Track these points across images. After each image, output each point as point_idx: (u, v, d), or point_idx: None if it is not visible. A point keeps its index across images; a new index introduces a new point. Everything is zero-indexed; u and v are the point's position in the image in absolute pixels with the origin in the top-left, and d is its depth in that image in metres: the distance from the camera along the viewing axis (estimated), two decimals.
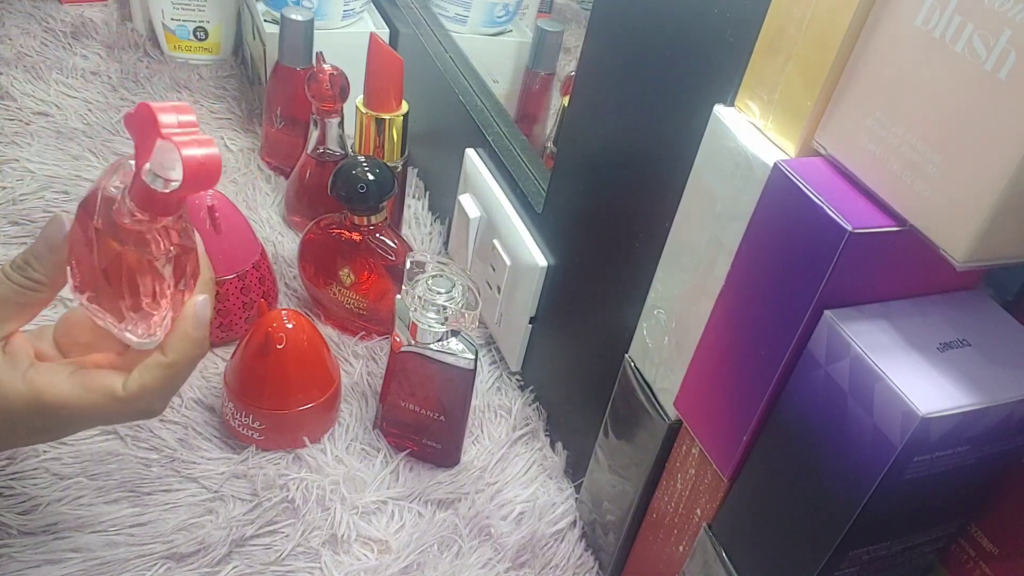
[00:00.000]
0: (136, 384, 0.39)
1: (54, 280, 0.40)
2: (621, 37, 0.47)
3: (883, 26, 0.30)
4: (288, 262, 0.72)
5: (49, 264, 0.39)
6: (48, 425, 0.40)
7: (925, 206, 0.29)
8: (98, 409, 0.39)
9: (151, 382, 0.39)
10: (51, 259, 0.39)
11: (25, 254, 0.39)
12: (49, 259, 0.39)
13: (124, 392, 0.39)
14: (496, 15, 0.83)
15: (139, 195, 0.37)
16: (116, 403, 0.39)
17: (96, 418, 0.40)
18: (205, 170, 0.35)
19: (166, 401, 0.41)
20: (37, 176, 0.74)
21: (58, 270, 0.40)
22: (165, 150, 0.35)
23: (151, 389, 0.39)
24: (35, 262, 0.39)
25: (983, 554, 0.36)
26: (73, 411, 0.39)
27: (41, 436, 0.43)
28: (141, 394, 0.39)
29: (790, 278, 0.33)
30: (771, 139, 0.35)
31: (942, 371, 0.30)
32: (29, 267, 0.39)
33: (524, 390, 0.64)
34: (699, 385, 0.40)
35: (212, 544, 0.50)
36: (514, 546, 0.54)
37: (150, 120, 0.35)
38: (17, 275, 0.39)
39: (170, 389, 0.41)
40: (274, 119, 0.79)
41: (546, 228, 0.59)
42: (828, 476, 0.33)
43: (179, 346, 0.40)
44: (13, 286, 0.39)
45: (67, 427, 0.41)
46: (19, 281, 0.39)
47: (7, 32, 0.92)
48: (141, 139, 0.36)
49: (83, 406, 0.39)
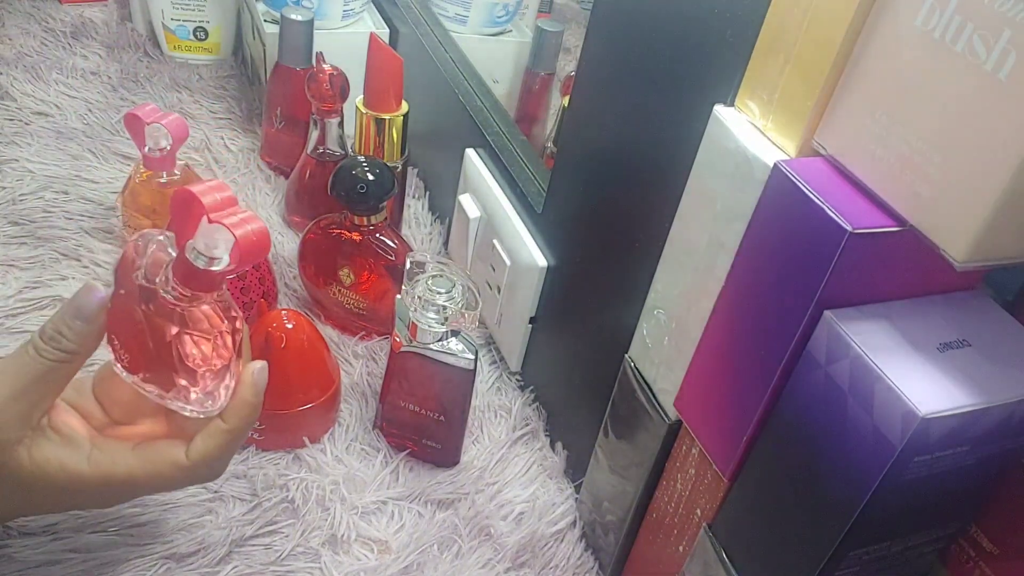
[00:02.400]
0: (199, 453, 0.40)
1: (87, 349, 0.39)
2: (621, 37, 0.47)
3: (883, 26, 0.30)
4: (288, 262, 0.72)
5: (84, 334, 0.39)
6: (112, 498, 0.42)
7: (925, 206, 0.29)
8: (164, 479, 0.40)
9: (214, 449, 0.41)
10: (86, 329, 0.39)
11: (55, 323, 0.39)
12: (84, 329, 0.39)
13: (188, 461, 0.40)
14: (496, 15, 0.83)
15: (183, 273, 0.37)
16: (181, 471, 0.40)
17: (160, 487, 0.42)
18: (259, 247, 0.37)
19: (225, 465, 0.43)
20: (37, 176, 0.74)
21: (93, 339, 0.39)
22: (212, 231, 0.36)
23: (214, 456, 0.41)
24: (68, 331, 0.39)
25: (983, 554, 0.36)
26: (139, 483, 0.40)
27: (105, 505, 0.45)
28: (205, 461, 0.41)
29: (790, 278, 0.33)
30: (771, 139, 0.35)
31: (942, 371, 0.30)
32: (63, 337, 0.38)
33: (524, 390, 0.64)
34: (699, 385, 0.40)
35: (212, 544, 0.50)
36: (514, 546, 0.54)
37: (191, 201, 0.36)
38: (50, 348, 0.38)
39: (230, 454, 0.42)
40: (274, 119, 0.79)
41: (546, 228, 0.59)
42: (828, 476, 0.33)
43: (240, 412, 0.41)
44: (47, 361, 0.38)
45: (130, 496, 0.44)
46: (53, 356, 0.38)
47: (7, 32, 0.92)
48: (180, 219, 0.37)
49: (149, 477, 0.40)
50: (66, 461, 0.39)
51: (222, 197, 0.37)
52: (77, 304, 0.39)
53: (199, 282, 0.38)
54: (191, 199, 0.36)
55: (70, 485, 0.39)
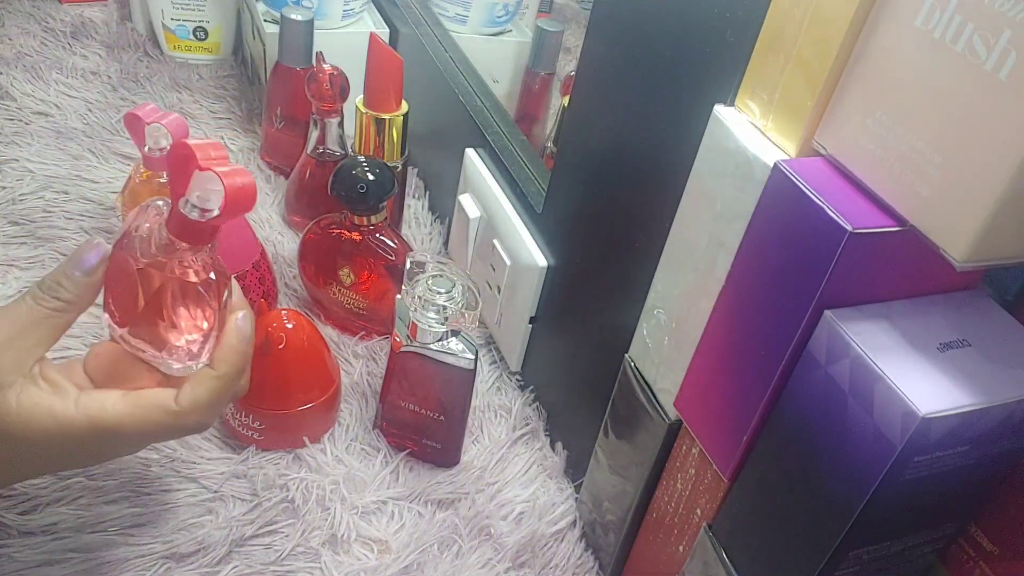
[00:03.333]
0: (189, 398, 0.40)
1: (83, 301, 0.40)
2: (621, 37, 0.47)
3: (883, 26, 0.30)
4: (288, 262, 0.72)
5: (82, 285, 0.40)
6: (103, 449, 0.41)
7: (925, 206, 0.29)
8: (153, 424, 0.40)
9: (204, 394, 0.40)
10: (84, 280, 0.40)
11: (55, 275, 0.40)
12: (82, 280, 0.40)
13: (178, 406, 0.40)
14: (496, 15, 0.83)
15: (177, 226, 0.39)
16: (170, 417, 0.40)
17: (150, 434, 0.41)
18: (244, 195, 0.38)
19: (215, 414, 0.42)
20: (37, 176, 0.74)
21: (90, 292, 0.40)
22: (205, 179, 0.38)
23: (204, 401, 0.41)
24: (66, 282, 0.40)
25: (983, 554, 0.36)
26: (129, 430, 0.40)
27: (94, 460, 0.44)
28: (194, 407, 0.40)
29: (790, 278, 0.33)
30: (771, 139, 0.35)
31: (942, 371, 0.30)
32: (61, 288, 0.40)
33: (524, 390, 0.64)
34: (699, 385, 0.40)
35: (212, 544, 0.50)
36: (514, 546, 0.54)
37: (187, 155, 0.37)
38: (48, 297, 0.40)
39: (219, 402, 0.42)
40: (274, 119, 0.79)
41: (546, 228, 0.59)
42: (828, 476, 0.33)
43: (227, 358, 0.41)
44: (44, 309, 0.39)
45: (121, 448, 0.43)
46: (50, 304, 0.40)
47: (7, 32, 0.92)
48: (177, 174, 0.38)
49: (138, 424, 0.40)
50: (54, 406, 0.38)
51: (216, 154, 0.38)
52: (78, 257, 0.40)
53: (190, 233, 0.39)
54: (188, 155, 0.37)
55: (57, 431, 0.38)
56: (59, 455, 0.41)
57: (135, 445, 0.43)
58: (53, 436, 0.39)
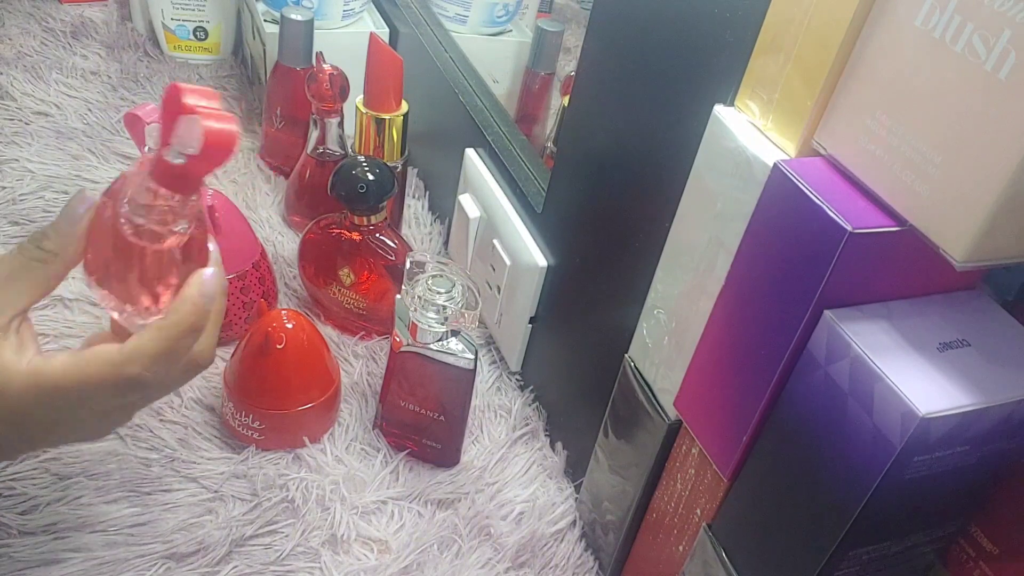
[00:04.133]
0: (131, 345, 0.38)
1: (67, 253, 0.39)
2: (621, 37, 0.47)
3: (883, 26, 0.30)
4: (288, 262, 0.72)
5: (65, 235, 0.39)
6: (51, 412, 0.39)
7: (925, 206, 0.29)
8: (94, 377, 0.38)
9: (147, 343, 0.38)
10: (68, 230, 0.39)
11: (43, 228, 0.39)
12: (66, 230, 0.39)
13: (120, 355, 0.38)
14: (496, 15, 0.83)
15: (160, 172, 0.38)
16: (109, 367, 0.37)
17: (92, 388, 0.38)
18: (222, 140, 0.37)
19: (161, 370, 0.39)
20: (37, 176, 0.74)
21: (73, 242, 0.39)
22: (188, 123, 0.37)
23: (147, 351, 0.38)
24: (51, 232, 0.39)
25: (983, 554, 0.36)
26: (72, 385, 0.37)
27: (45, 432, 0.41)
28: (135, 355, 0.38)
29: (790, 278, 0.33)
30: (771, 139, 0.35)
31: (942, 371, 0.30)
32: (45, 237, 0.39)
33: (524, 390, 0.64)
34: (699, 385, 0.40)
35: (212, 544, 0.50)
36: (514, 546, 0.54)
37: (176, 100, 0.37)
38: (31, 246, 0.39)
39: (166, 355, 0.39)
40: (274, 119, 0.79)
41: (546, 228, 0.59)
42: (828, 476, 0.33)
43: (180, 309, 0.39)
44: (24, 259, 0.38)
45: (68, 410, 0.39)
46: (31, 254, 0.38)
47: (7, 32, 0.92)
48: (167, 120, 0.37)
49: (80, 376, 0.37)
50: (8, 359, 0.37)
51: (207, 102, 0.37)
52: (66, 208, 0.39)
53: (172, 180, 0.38)
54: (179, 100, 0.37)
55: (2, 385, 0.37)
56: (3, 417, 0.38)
57: (82, 409, 0.40)
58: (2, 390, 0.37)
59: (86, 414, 0.40)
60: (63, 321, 0.62)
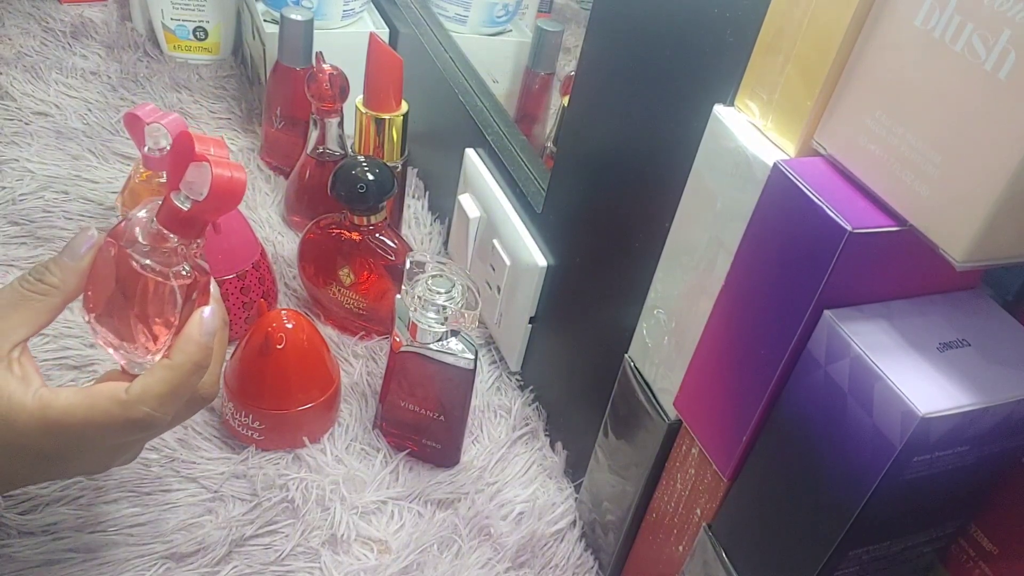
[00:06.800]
0: (139, 386, 0.38)
1: (68, 287, 0.40)
2: (621, 37, 0.47)
3: (883, 26, 0.30)
4: (288, 262, 0.72)
5: (68, 270, 0.40)
6: (57, 446, 0.39)
7: (925, 206, 0.29)
8: (102, 414, 0.38)
9: (154, 384, 0.39)
10: (70, 266, 0.40)
11: (45, 262, 0.40)
12: (68, 265, 0.40)
13: (127, 395, 0.38)
14: (496, 15, 0.83)
15: (166, 215, 0.39)
16: (118, 406, 0.38)
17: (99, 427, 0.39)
18: (230, 187, 0.38)
19: (169, 409, 0.40)
20: (37, 176, 0.74)
21: (75, 278, 0.40)
22: (198, 170, 0.38)
23: (154, 392, 0.39)
24: (53, 267, 0.40)
25: (983, 554, 0.36)
26: (78, 419, 0.38)
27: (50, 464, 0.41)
28: (143, 396, 0.38)
29: (790, 278, 0.33)
30: (771, 139, 0.35)
31: (942, 371, 0.30)
32: (47, 271, 0.39)
33: (524, 390, 0.64)
34: (699, 385, 0.40)
35: (212, 544, 0.50)
36: (514, 546, 0.54)
37: (187, 146, 0.37)
38: (31, 279, 0.39)
39: (173, 395, 0.40)
40: (274, 119, 0.79)
41: (546, 228, 0.59)
42: (828, 476, 0.33)
43: (184, 348, 0.39)
44: (24, 292, 0.39)
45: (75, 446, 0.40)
46: (31, 287, 0.39)
47: (7, 32, 0.92)
48: (175, 166, 0.38)
49: (87, 413, 0.38)
50: (14, 391, 0.37)
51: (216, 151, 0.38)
52: (70, 244, 0.40)
53: (178, 224, 0.39)
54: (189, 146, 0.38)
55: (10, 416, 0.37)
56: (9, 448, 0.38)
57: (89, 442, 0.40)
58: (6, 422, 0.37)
59: (91, 449, 0.41)
60: (63, 321, 0.62)
